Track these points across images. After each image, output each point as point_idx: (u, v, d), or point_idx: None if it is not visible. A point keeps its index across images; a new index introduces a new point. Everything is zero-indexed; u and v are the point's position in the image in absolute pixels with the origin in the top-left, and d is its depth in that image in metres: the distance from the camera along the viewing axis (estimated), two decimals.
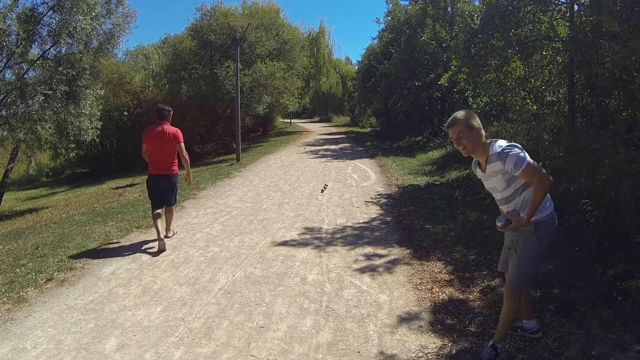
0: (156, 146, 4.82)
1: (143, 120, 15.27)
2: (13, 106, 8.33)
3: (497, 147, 2.27)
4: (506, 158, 2.20)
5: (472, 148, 2.29)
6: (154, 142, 4.82)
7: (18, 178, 18.02)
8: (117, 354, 2.65)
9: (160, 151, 4.83)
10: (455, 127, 2.27)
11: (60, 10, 8.39)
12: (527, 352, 2.48)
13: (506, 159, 2.20)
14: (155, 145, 4.82)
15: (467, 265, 3.89)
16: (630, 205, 3.72)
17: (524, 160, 2.18)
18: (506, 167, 2.22)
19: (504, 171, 2.25)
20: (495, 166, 2.28)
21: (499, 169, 2.27)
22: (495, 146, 2.28)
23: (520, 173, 2.20)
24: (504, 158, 2.21)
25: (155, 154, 4.83)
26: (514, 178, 2.26)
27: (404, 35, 16.02)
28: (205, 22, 17.57)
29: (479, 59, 6.43)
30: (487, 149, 2.31)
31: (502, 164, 2.23)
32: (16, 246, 5.28)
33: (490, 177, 2.35)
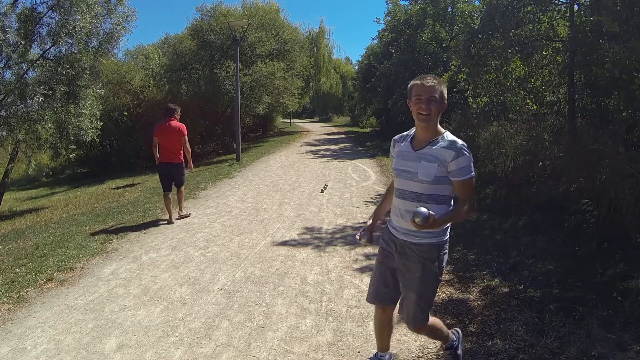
0: (164, 138, 5.71)
1: (143, 120, 15.27)
2: (13, 106, 8.33)
3: (454, 138, 1.98)
4: (462, 156, 1.91)
5: (433, 117, 1.95)
6: (162, 135, 5.71)
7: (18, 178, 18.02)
8: (117, 354, 2.65)
9: (167, 142, 5.72)
10: (436, 87, 1.93)
11: (59, 10, 8.39)
12: (527, 352, 2.48)
13: (461, 156, 1.91)
14: (164, 137, 5.71)
15: (467, 265, 3.89)
16: (630, 205, 3.72)
17: (472, 170, 1.94)
18: (453, 164, 1.91)
19: (446, 165, 1.92)
20: (441, 153, 1.93)
21: (443, 159, 1.92)
22: (450, 135, 2.00)
23: (462, 180, 1.92)
24: (460, 154, 1.91)
25: (164, 144, 5.73)
26: (447, 180, 1.95)
27: (404, 35, 16.04)
28: (205, 22, 17.57)
29: (479, 59, 6.43)
30: (438, 131, 2.00)
31: (451, 157, 1.91)
32: (16, 246, 5.28)
33: (422, 160, 1.96)
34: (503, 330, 2.73)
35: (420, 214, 1.77)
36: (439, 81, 1.94)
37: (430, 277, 2.01)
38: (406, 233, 2.02)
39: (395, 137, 2.17)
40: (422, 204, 1.87)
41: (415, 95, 1.95)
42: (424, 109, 1.91)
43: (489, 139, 7.18)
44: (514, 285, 3.37)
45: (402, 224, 2.03)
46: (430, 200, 1.95)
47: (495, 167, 6.83)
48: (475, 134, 8.15)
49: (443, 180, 1.94)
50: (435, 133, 2.00)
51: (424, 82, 1.93)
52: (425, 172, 1.93)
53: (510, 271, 3.64)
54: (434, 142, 1.97)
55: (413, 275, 2.01)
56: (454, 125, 10.25)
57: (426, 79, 1.94)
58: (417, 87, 1.94)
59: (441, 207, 1.94)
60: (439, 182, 1.94)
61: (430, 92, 1.91)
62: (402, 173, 2.02)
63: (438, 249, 2.00)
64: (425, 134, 2.01)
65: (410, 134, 2.12)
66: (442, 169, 1.92)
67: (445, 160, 1.91)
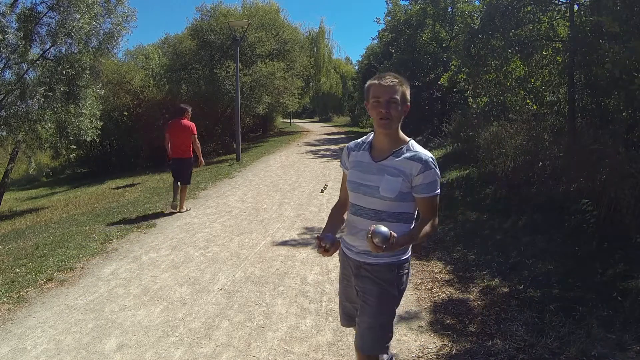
0: (175, 135, 6.21)
1: (143, 120, 15.27)
2: (13, 106, 8.33)
3: (421, 148, 1.74)
4: (429, 169, 1.68)
5: (394, 121, 1.71)
6: (173, 132, 6.22)
7: (18, 178, 18.01)
8: (117, 354, 2.65)
9: (178, 139, 6.20)
10: (396, 87, 1.69)
11: (59, 10, 8.39)
12: (527, 352, 2.48)
13: (429, 170, 1.68)
14: (174, 134, 6.21)
15: (466, 265, 3.89)
16: (630, 205, 3.72)
17: (439, 187, 1.73)
18: (419, 178, 1.68)
19: (411, 179, 1.69)
20: (406, 165, 1.70)
21: (408, 173, 1.69)
22: (417, 145, 1.75)
23: (427, 197, 1.70)
24: (427, 168, 1.68)
25: (174, 141, 6.21)
26: (411, 197, 1.72)
27: (404, 35, 16.03)
28: (205, 22, 17.57)
29: (479, 59, 6.44)
30: (401, 139, 1.76)
31: (417, 171, 1.68)
32: (16, 246, 5.28)
33: (384, 173, 1.71)
34: (503, 330, 2.73)
35: (380, 234, 1.53)
36: (400, 80, 1.71)
37: (388, 301, 1.78)
38: (361, 253, 1.80)
39: (350, 145, 1.91)
40: (382, 223, 1.63)
41: (372, 97, 1.70)
42: (383, 113, 1.67)
43: (489, 139, 7.18)
44: (514, 285, 3.37)
45: (357, 243, 1.81)
46: (392, 218, 1.72)
47: (495, 167, 6.83)
48: (475, 134, 8.16)
49: (407, 197, 1.72)
50: (398, 141, 1.76)
51: (382, 81, 1.69)
52: (388, 187, 1.70)
53: (510, 271, 3.64)
54: (397, 153, 1.73)
55: (369, 299, 1.78)
56: (454, 125, 10.27)
57: (385, 77, 1.70)
58: (375, 87, 1.71)
59: (403, 226, 1.73)
60: (402, 198, 1.71)
61: (389, 93, 1.67)
62: (360, 187, 1.77)
63: (397, 269, 1.77)
64: (386, 142, 1.76)
65: (367, 141, 1.85)
66: (406, 183, 1.70)
67: (410, 174, 1.69)
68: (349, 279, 1.91)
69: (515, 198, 5.56)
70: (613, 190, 3.92)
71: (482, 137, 7.55)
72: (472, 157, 8.06)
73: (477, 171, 7.46)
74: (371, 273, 1.78)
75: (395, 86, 1.68)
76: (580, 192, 4.56)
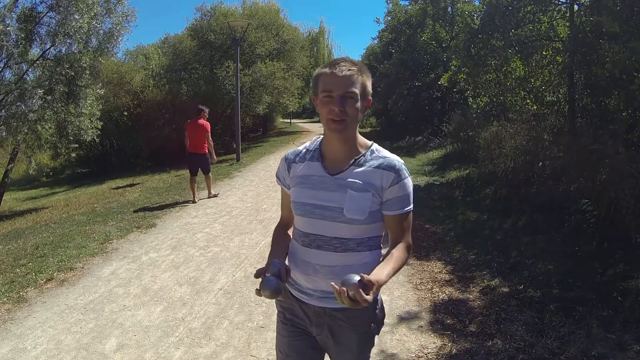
0: (192, 132, 6.93)
1: (143, 120, 15.27)
2: (13, 106, 8.33)
3: (388, 153, 1.37)
4: (403, 179, 1.31)
5: (351, 122, 1.30)
6: (191, 130, 6.94)
7: (18, 178, 18.00)
8: (117, 354, 2.65)
9: (194, 136, 6.93)
10: (353, 77, 1.27)
11: (59, 10, 8.39)
12: (527, 352, 2.48)
13: (403, 180, 1.31)
14: (192, 132, 6.93)
15: (466, 265, 3.89)
16: (630, 205, 3.72)
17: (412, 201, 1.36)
18: (391, 191, 1.30)
19: (382, 193, 1.31)
20: (374, 176, 1.30)
21: (378, 185, 1.30)
22: (382, 150, 1.38)
23: (400, 215, 1.32)
24: (401, 177, 1.31)
25: (191, 137, 6.92)
26: (379, 216, 1.33)
27: (404, 35, 16.04)
28: (205, 22, 17.57)
29: (479, 59, 6.45)
30: (361, 144, 1.37)
31: (389, 182, 1.30)
32: (16, 246, 5.28)
33: (347, 188, 1.30)
34: (503, 330, 2.73)
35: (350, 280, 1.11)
36: (359, 68, 1.30)
37: (367, 347, 1.45)
38: (324, 297, 1.35)
39: (289, 155, 1.47)
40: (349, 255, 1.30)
41: (323, 90, 1.29)
42: (337, 112, 1.26)
43: (489, 139, 7.19)
44: (514, 285, 3.37)
45: (316, 285, 1.35)
46: (362, 246, 1.32)
47: (495, 167, 6.84)
48: (475, 134, 8.17)
49: (377, 217, 1.33)
50: (358, 147, 1.36)
51: (335, 70, 1.28)
52: (355, 206, 1.29)
53: (510, 271, 3.64)
54: (359, 161, 1.33)
55: (344, 352, 1.41)
56: (454, 125, 10.28)
57: (339, 65, 1.29)
58: (326, 78, 1.29)
59: (374, 254, 1.35)
60: (373, 219, 1.31)
61: (345, 86, 1.26)
62: (315, 210, 1.33)
63: (373, 306, 1.39)
64: (342, 149, 1.35)
65: (312, 148, 1.44)
66: (376, 199, 1.30)
67: (381, 187, 1.30)
68: (303, 330, 1.44)
69: (515, 198, 5.56)
70: (613, 190, 3.93)
71: (482, 137, 7.56)
72: (472, 157, 8.06)
73: (477, 171, 7.46)
74: (343, 321, 1.36)
75: (353, 76, 1.27)
76: (580, 192, 4.56)
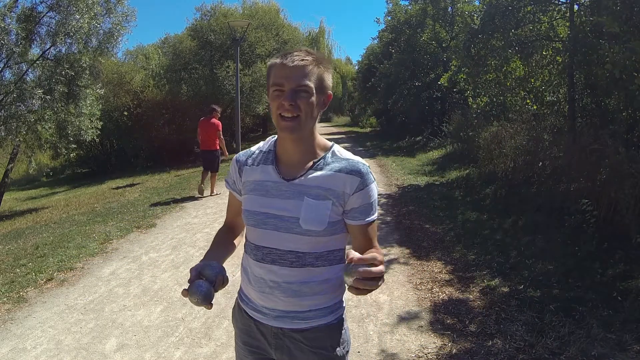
0: (204, 130, 7.36)
1: (143, 120, 15.27)
2: (12, 106, 8.32)
3: (350, 155, 1.20)
4: (369, 184, 1.16)
5: (306, 120, 1.13)
6: (203, 128, 7.36)
7: (18, 178, 18.00)
8: (117, 354, 2.65)
9: (206, 134, 7.37)
10: (307, 68, 1.11)
11: (59, 10, 8.39)
12: (527, 352, 2.48)
13: (369, 185, 1.15)
14: (204, 130, 7.36)
15: (467, 265, 3.89)
16: (630, 205, 3.72)
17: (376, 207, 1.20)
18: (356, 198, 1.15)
19: (345, 201, 1.15)
20: (335, 182, 1.15)
21: (340, 192, 1.14)
22: (344, 151, 1.22)
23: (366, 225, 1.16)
24: (367, 182, 1.15)
25: (203, 135, 7.38)
26: (342, 227, 1.18)
27: (404, 35, 16.03)
28: (205, 22, 17.56)
29: (479, 59, 6.45)
30: (319, 145, 1.21)
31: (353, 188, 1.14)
32: (16, 246, 5.28)
33: (305, 195, 1.15)
34: (503, 330, 2.73)
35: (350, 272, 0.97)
36: (315, 58, 1.14)
37: None
38: (281, 316, 1.22)
39: (239, 156, 1.31)
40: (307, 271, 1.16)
41: (273, 83, 1.13)
42: (288, 108, 1.10)
43: (489, 139, 7.19)
44: (514, 285, 3.37)
45: (272, 303, 1.22)
46: (320, 261, 1.18)
47: (495, 167, 6.84)
48: (475, 134, 8.17)
49: (338, 228, 1.17)
50: (316, 148, 1.20)
51: (287, 60, 1.12)
52: (312, 216, 1.14)
53: (510, 271, 3.64)
54: (318, 164, 1.17)
55: None
56: (454, 125, 10.28)
57: (292, 55, 1.13)
58: (277, 69, 1.13)
59: (335, 270, 1.20)
60: (333, 230, 1.16)
61: (297, 78, 1.10)
62: (268, 220, 1.19)
63: (338, 327, 1.24)
64: (297, 151, 1.19)
65: (266, 149, 1.28)
66: (337, 208, 1.15)
67: (344, 193, 1.14)
68: (263, 353, 1.29)
69: (515, 198, 5.56)
70: (613, 190, 3.93)
71: (482, 137, 7.56)
72: (472, 157, 8.07)
73: (477, 171, 7.46)
74: (304, 342, 1.22)
75: (306, 67, 1.11)
76: (580, 192, 4.56)
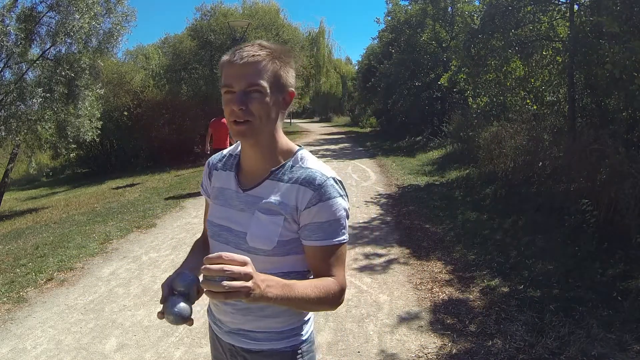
0: (216, 130, 7.57)
1: (143, 120, 15.27)
2: (12, 106, 8.32)
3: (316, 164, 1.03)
4: (328, 199, 0.98)
5: (261, 124, 0.99)
6: (215, 127, 7.57)
7: (18, 178, 18.00)
8: (117, 354, 2.65)
9: (218, 133, 7.56)
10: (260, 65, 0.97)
11: (58, 10, 8.39)
12: (527, 352, 2.48)
13: (328, 200, 0.98)
14: (216, 129, 7.57)
15: (467, 265, 3.89)
16: (630, 205, 3.72)
17: (344, 230, 1.02)
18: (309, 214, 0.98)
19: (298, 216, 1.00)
20: (288, 194, 1.01)
21: (292, 206, 0.99)
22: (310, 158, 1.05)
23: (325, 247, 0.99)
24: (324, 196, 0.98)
25: (216, 134, 7.59)
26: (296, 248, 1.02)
27: (404, 35, 16.03)
28: (205, 22, 17.56)
29: (479, 59, 6.45)
30: (283, 150, 1.06)
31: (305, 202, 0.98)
32: (16, 246, 5.28)
33: (256, 209, 1.02)
34: (503, 330, 2.73)
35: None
36: (270, 51, 0.99)
37: None
38: (232, 332, 1.10)
39: (213, 159, 1.20)
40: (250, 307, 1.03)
41: (223, 85, 0.99)
42: (237, 112, 0.96)
43: (489, 139, 7.19)
44: (514, 285, 3.37)
45: (226, 317, 1.11)
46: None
47: (495, 167, 6.84)
48: (475, 134, 8.17)
49: (293, 247, 1.02)
50: (277, 155, 1.05)
51: (235, 58, 0.97)
52: (260, 233, 1.01)
53: (510, 271, 3.64)
54: (277, 174, 1.03)
55: None
56: (454, 125, 10.28)
57: (242, 50, 0.97)
58: (226, 68, 0.99)
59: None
60: (286, 250, 1.01)
61: (247, 78, 0.96)
62: (222, 233, 1.08)
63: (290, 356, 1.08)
64: (256, 157, 1.05)
65: (235, 152, 1.16)
66: (290, 224, 1.00)
67: (295, 208, 0.99)
68: None
69: (515, 198, 5.56)
70: (613, 190, 3.93)
71: (482, 137, 7.56)
72: (472, 157, 8.07)
73: (477, 171, 7.46)
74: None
75: (258, 64, 0.96)
76: (580, 192, 4.56)
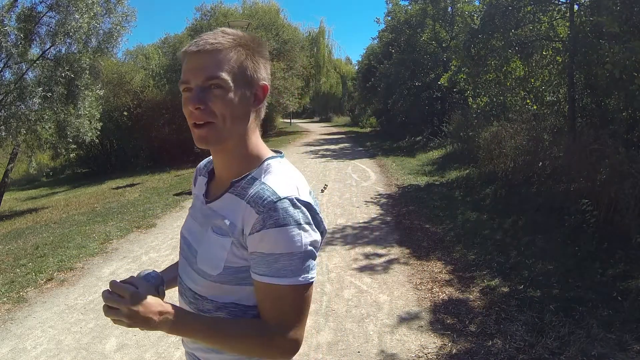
0: None
1: (143, 120, 15.29)
2: (12, 106, 8.32)
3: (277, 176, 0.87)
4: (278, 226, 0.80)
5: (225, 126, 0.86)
6: None
7: (18, 178, 18.01)
8: (117, 354, 2.65)
9: None
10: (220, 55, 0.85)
11: (58, 10, 8.39)
12: (527, 352, 2.48)
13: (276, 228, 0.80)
14: None
15: (467, 265, 3.89)
16: (630, 205, 3.72)
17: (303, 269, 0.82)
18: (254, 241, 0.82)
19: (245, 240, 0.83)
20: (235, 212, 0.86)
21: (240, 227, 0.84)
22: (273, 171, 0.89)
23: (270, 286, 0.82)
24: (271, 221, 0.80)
25: None
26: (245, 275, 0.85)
27: (404, 35, 16.03)
28: (205, 22, 17.58)
29: (479, 59, 6.45)
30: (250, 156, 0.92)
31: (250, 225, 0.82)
32: (16, 246, 5.28)
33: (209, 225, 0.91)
34: (503, 330, 2.73)
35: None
36: (233, 38, 0.87)
37: None
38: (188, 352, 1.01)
39: (201, 164, 1.10)
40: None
41: (181, 81, 0.87)
42: (195, 113, 0.85)
43: (489, 139, 7.19)
44: (514, 285, 3.37)
45: None
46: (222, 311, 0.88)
47: (495, 167, 6.84)
48: (475, 134, 8.17)
49: (247, 277, 0.85)
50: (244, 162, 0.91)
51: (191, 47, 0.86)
52: (207, 255, 0.89)
53: (510, 271, 3.64)
54: (237, 187, 0.89)
55: None
56: (454, 125, 10.28)
57: (200, 39, 0.86)
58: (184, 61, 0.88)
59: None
60: (238, 279, 0.86)
61: (204, 70, 0.84)
62: (184, 247, 1.00)
63: None
64: (221, 164, 0.95)
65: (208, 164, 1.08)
66: (239, 250, 0.85)
67: (241, 232, 0.84)
68: None
69: (515, 198, 5.56)
70: (613, 190, 3.93)
71: (482, 137, 7.56)
72: (472, 157, 8.07)
73: (477, 171, 7.46)
74: None
75: (219, 52, 0.84)
76: (580, 192, 4.56)
